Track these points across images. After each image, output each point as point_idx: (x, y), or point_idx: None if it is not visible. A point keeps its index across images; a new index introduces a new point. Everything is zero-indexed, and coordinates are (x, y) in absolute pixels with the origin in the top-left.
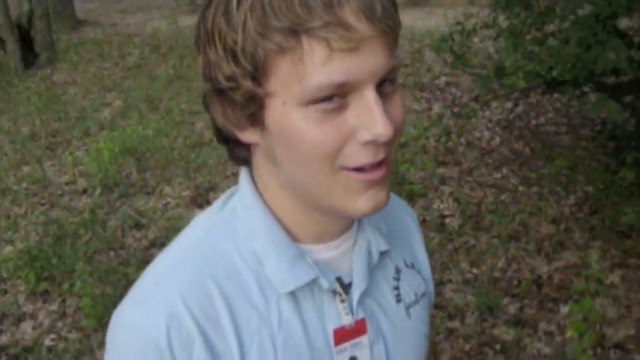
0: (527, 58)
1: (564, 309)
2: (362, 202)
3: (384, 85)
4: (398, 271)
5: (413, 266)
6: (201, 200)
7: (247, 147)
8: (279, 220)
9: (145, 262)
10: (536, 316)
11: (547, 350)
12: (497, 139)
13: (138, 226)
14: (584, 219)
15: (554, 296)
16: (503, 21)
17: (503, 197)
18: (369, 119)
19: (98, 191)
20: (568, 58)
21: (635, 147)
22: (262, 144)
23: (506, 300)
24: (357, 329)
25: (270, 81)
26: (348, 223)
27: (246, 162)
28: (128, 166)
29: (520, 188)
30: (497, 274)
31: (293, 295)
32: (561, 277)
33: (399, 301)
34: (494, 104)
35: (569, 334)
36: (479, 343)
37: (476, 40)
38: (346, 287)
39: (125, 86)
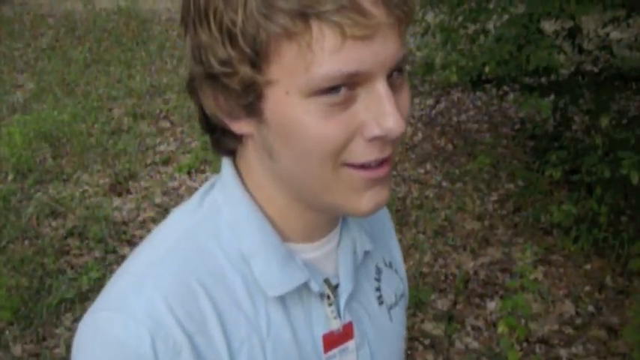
0: (460, 54)
1: (491, 304)
2: (364, 201)
3: (393, 76)
4: (379, 271)
5: (391, 265)
6: (120, 189)
7: (237, 137)
8: (267, 217)
9: (62, 252)
10: (464, 311)
11: (475, 345)
12: (420, 135)
13: (54, 214)
14: (507, 216)
15: (480, 292)
16: (433, 18)
17: (427, 193)
18: (380, 113)
19: (11, 177)
20: (501, 55)
21: (558, 147)
22: (257, 136)
23: (434, 295)
24: (345, 334)
25: (271, 68)
26: (336, 221)
27: (232, 152)
28: (43, 151)
29: (444, 184)
30: (424, 269)
31: (281, 298)
32: (487, 273)
33: (381, 302)
34: (416, 100)
35: (500, 329)
36: (409, 338)
37: None
38: (334, 289)
39: (38, 68)
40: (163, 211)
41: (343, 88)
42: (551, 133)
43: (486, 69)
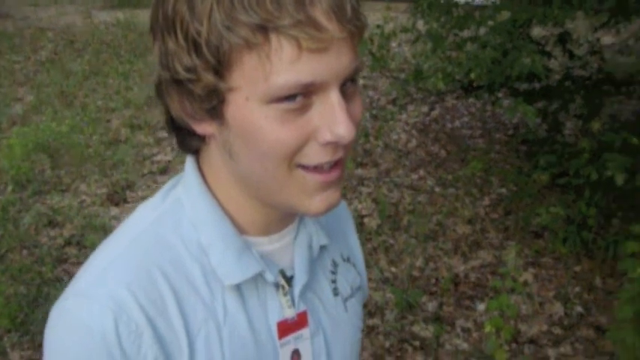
0: (446, 60)
1: (481, 306)
2: (316, 203)
3: (346, 85)
4: (335, 264)
5: (349, 260)
6: (118, 198)
7: (200, 137)
8: (226, 212)
9: (60, 260)
10: (453, 313)
11: (465, 346)
12: (414, 142)
13: (52, 224)
14: (498, 220)
15: (470, 294)
16: (423, 26)
17: (420, 198)
18: (332, 120)
19: (10, 188)
20: (486, 62)
21: (547, 151)
22: (219, 137)
23: (424, 298)
24: (299, 322)
25: (233, 76)
26: (292, 217)
27: (195, 151)
28: (41, 162)
29: (436, 189)
30: (415, 273)
31: (238, 287)
32: (477, 276)
33: (336, 294)
34: (410, 107)
35: (487, 329)
36: (399, 340)
37: (393, 44)
38: (289, 280)
39: (38, 81)
40: None
41: (299, 96)
42: (542, 138)
43: (472, 75)
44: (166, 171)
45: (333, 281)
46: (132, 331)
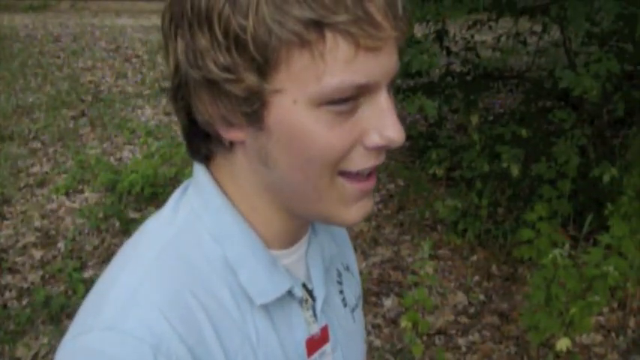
0: None
1: (387, 302)
2: (353, 212)
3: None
4: (339, 274)
5: (348, 269)
6: None
7: (221, 144)
8: (250, 224)
9: None
10: (363, 310)
11: (378, 343)
12: None
13: None
14: (392, 215)
15: (375, 290)
16: None
17: None
18: (383, 124)
19: None
20: None
21: (435, 145)
22: (251, 143)
23: None
24: (322, 337)
25: (279, 76)
26: (308, 226)
27: (207, 158)
28: None
29: None
30: None
31: (265, 306)
32: (379, 272)
33: (345, 305)
34: None
35: (403, 324)
36: None
37: None
38: (311, 294)
39: None
40: (44, 235)
41: (351, 98)
42: (425, 132)
43: None
44: (45, 183)
45: (341, 292)
46: None
